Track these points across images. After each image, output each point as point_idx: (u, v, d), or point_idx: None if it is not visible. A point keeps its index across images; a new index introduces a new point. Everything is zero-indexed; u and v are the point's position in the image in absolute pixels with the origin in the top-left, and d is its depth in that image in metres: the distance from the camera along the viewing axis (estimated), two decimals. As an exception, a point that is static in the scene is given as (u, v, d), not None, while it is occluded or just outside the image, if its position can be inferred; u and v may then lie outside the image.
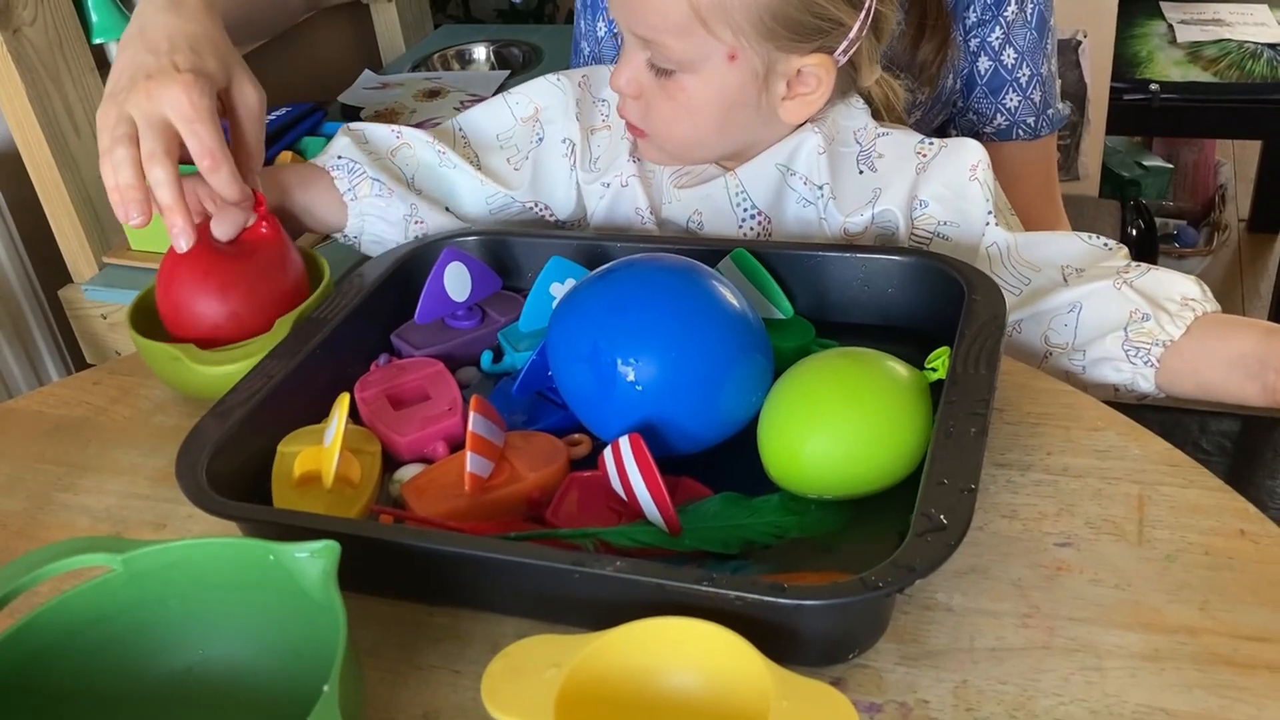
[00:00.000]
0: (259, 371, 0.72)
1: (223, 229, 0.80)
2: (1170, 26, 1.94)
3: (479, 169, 0.91)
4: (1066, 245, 0.80)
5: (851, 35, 0.78)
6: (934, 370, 0.66)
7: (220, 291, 0.78)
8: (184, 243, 0.76)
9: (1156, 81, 1.83)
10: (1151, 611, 0.58)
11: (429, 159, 0.91)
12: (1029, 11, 0.99)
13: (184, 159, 0.77)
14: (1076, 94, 1.77)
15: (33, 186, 1.33)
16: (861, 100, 0.86)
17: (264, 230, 0.81)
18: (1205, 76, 1.83)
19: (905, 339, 0.74)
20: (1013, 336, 0.80)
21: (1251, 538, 0.62)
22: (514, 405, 0.74)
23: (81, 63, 1.31)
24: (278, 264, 0.81)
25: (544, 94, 0.92)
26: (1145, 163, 2.20)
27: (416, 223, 0.89)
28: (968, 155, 0.81)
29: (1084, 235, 0.80)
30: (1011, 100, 1.02)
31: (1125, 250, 0.79)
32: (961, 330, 0.68)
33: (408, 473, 0.69)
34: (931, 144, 0.82)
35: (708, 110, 0.79)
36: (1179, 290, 0.75)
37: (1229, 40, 1.87)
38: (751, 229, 0.85)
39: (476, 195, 0.92)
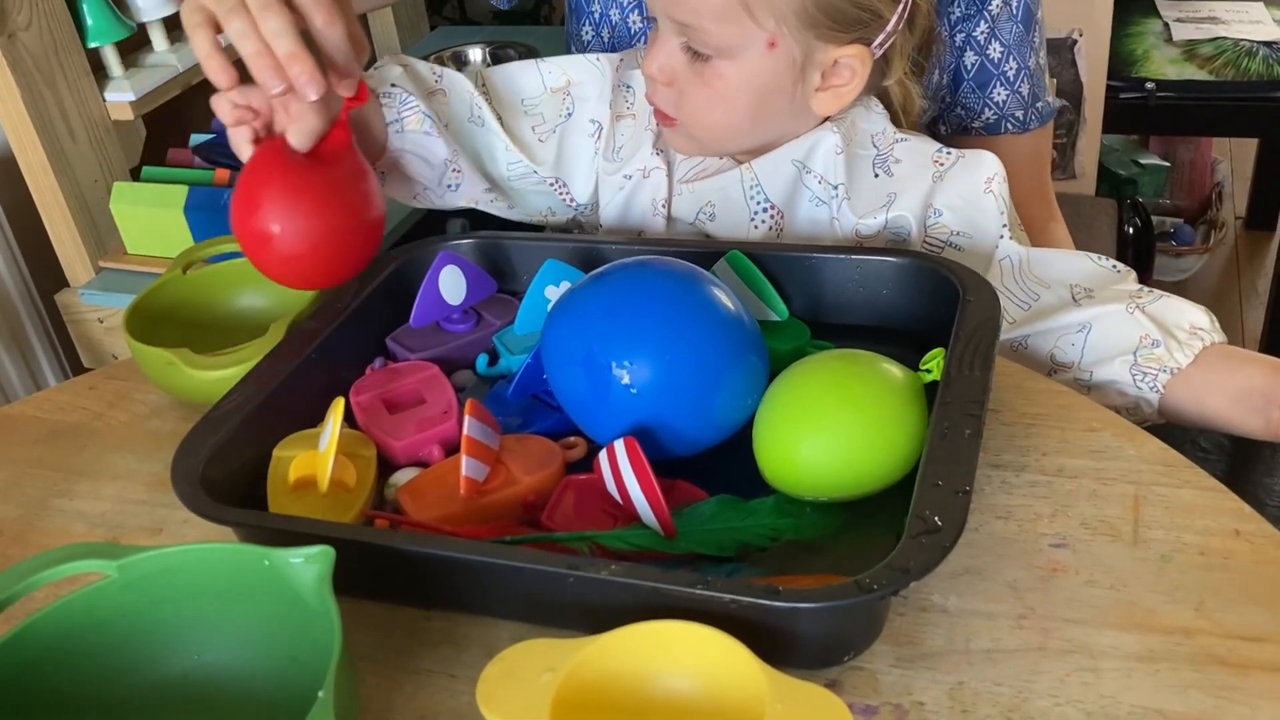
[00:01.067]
0: (254, 376, 0.72)
1: (300, 134, 0.71)
2: (1166, 25, 1.94)
3: (504, 130, 0.88)
4: (1076, 264, 0.81)
5: (889, 28, 0.79)
6: (929, 372, 0.66)
7: (319, 206, 0.71)
8: (313, 92, 0.67)
9: (1152, 80, 1.83)
10: (1147, 612, 0.58)
11: (460, 112, 0.87)
12: (1014, 5, 0.99)
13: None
14: (1072, 93, 1.78)
15: (29, 191, 1.33)
16: (879, 105, 0.86)
17: (339, 136, 0.74)
18: (1201, 75, 1.83)
19: (900, 340, 0.74)
20: (1018, 351, 0.80)
21: (1247, 538, 0.62)
22: (509, 409, 0.74)
23: (77, 67, 1.31)
24: (361, 171, 0.75)
25: (579, 69, 0.90)
26: (1142, 161, 2.20)
27: (454, 170, 0.86)
28: (984, 168, 0.81)
29: (1093, 256, 0.81)
30: (999, 94, 1.02)
31: (1134, 275, 0.80)
32: (956, 331, 0.68)
33: (403, 476, 0.69)
34: (949, 154, 0.83)
35: (742, 98, 0.79)
36: (1188, 319, 0.76)
37: (1225, 38, 1.87)
38: (764, 223, 0.84)
39: (499, 157, 0.89)
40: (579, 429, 0.70)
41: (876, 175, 0.83)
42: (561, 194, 0.92)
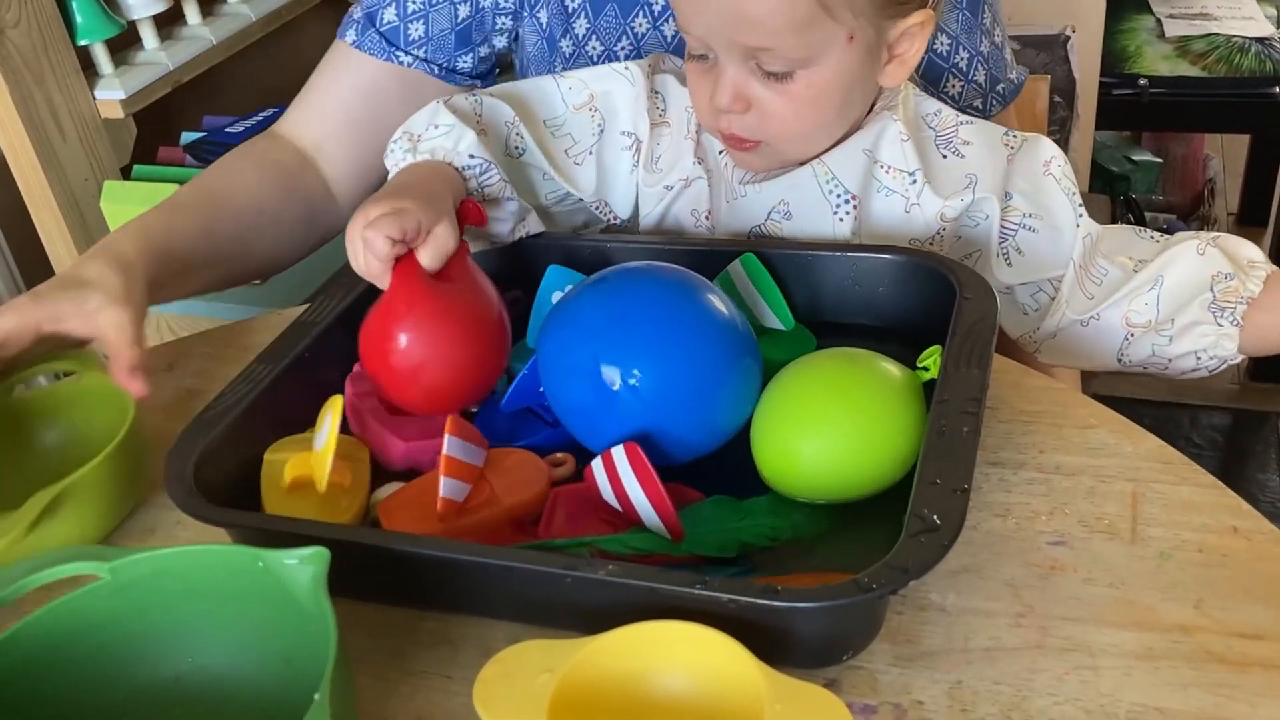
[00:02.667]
0: (247, 376, 0.72)
1: (435, 255, 0.70)
2: (1158, 21, 1.94)
3: (546, 157, 0.83)
4: (1124, 236, 0.82)
5: None
6: (926, 370, 0.66)
7: (464, 328, 0.70)
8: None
9: (1145, 76, 1.83)
10: (1145, 610, 0.58)
11: (498, 148, 0.82)
12: None
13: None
14: (1065, 89, 1.78)
15: (18, 190, 1.32)
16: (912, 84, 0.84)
17: (462, 248, 0.73)
18: (1194, 71, 1.83)
19: (897, 338, 0.74)
20: (1087, 326, 0.81)
21: (1244, 534, 0.62)
22: (502, 421, 0.72)
23: (66, 65, 1.30)
24: (482, 279, 0.73)
25: (603, 80, 0.85)
26: (1135, 157, 2.20)
27: (521, 223, 0.82)
28: (1041, 152, 0.81)
29: (1135, 229, 0.83)
30: (954, 87, 0.99)
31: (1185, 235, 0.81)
32: (953, 329, 0.68)
33: (383, 493, 0.67)
34: (1015, 137, 0.82)
35: (830, 99, 0.76)
36: (1246, 254, 0.79)
37: (1217, 34, 1.87)
38: (847, 214, 0.81)
39: (538, 186, 0.85)
40: (571, 442, 0.69)
41: (945, 157, 0.81)
42: (604, 214, 0.88)
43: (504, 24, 0.94)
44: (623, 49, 0.89)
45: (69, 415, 0.77)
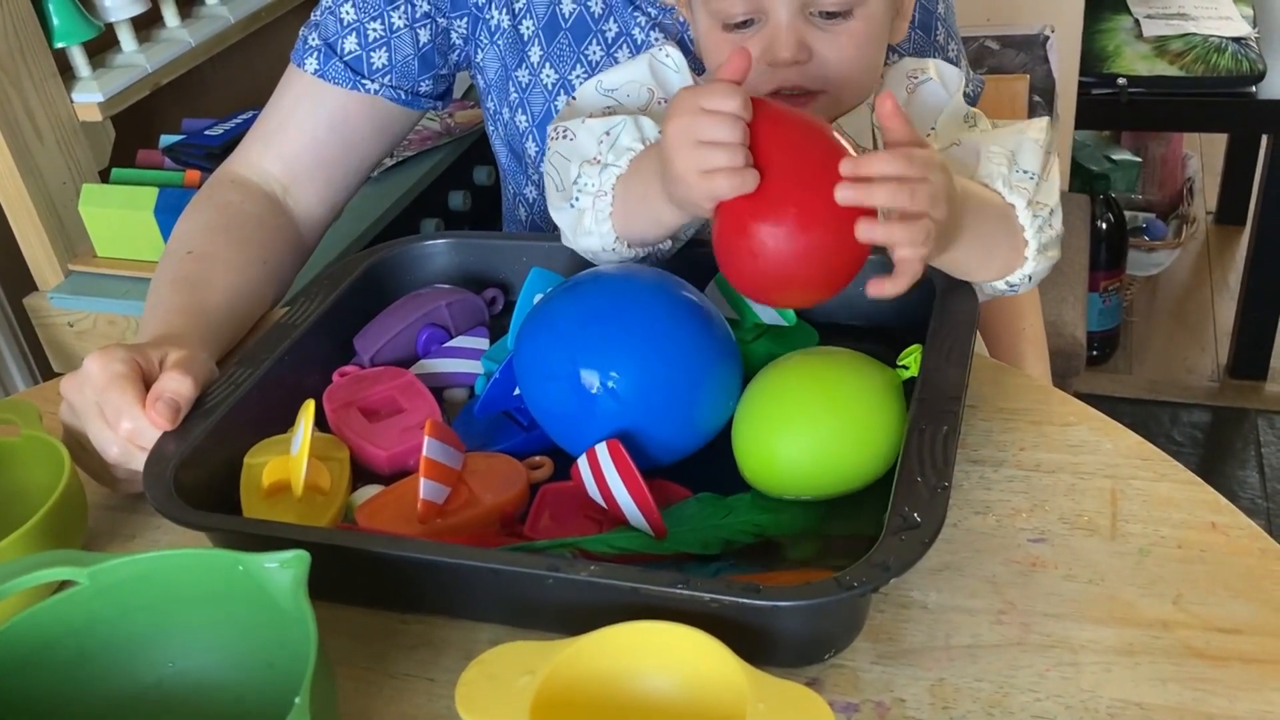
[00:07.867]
0: (227, 379, 0.71)
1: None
2: (1136, 21, 1.95)
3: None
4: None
5: None
6: (906, 368, 0.66)
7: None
8: None
9: (1124, 76, 1.84)
10: (1125, 606, 0.58)
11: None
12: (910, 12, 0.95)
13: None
14: (1045, 89, 1.78)
15: (-4, 193, 1.31)
16: None
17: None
18: (1172, 70, 1.84)
19: (877, 337, 0.74)
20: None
21: (1222, 530, 0.62)
22: (476, 427, 0.72)
23: (43, 68, 1.29)
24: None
25: (641, 73, 0.81)
26: (1114, 156, 2.21)
27: None
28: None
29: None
30: None
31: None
32: (933, 328, 0.68)
33: (362, 496, 0.67)
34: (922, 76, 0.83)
35: (880, 36, 0.77)
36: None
37: (1194, 34, 1.88)
38: None
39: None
40: (546, 447, 0.69)
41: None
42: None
43: (458, 42, 0.94)
44: (577, 77, 0.89)
45: (5, 471, 0.72)
